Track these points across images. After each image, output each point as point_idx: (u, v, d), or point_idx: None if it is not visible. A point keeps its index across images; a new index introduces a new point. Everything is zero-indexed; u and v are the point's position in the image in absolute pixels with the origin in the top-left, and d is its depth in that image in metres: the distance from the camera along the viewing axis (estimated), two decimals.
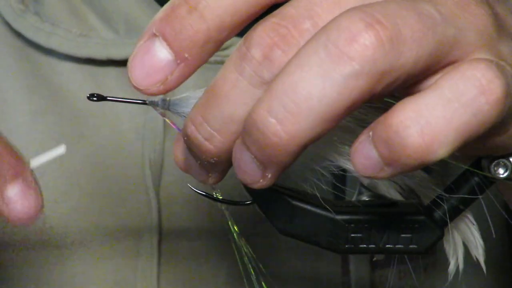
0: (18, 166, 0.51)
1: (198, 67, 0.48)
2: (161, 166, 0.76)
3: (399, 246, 0.53)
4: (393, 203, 0.54)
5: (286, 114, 0.43)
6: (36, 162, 0.54)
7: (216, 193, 0.55)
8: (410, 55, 0.44)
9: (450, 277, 0.56)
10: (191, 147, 0.48)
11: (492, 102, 0.43)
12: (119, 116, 0.78)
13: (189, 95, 0.53)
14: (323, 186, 0.53)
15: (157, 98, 0.53)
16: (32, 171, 0.53)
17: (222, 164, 0.49)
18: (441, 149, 0.43)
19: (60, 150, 0.55)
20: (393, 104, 0.45)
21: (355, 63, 0.43)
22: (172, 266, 0.75)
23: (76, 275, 0.75)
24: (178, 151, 0.53)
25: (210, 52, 0.48)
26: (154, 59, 0.47)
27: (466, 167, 0.52)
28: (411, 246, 0.53)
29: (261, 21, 0.46)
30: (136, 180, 0.76)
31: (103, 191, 0.76)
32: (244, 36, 0.46)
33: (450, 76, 0.44)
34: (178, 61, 0.47)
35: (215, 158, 0.48)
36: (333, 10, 0.45)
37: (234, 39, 0.76)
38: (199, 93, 0.53)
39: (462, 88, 0.43)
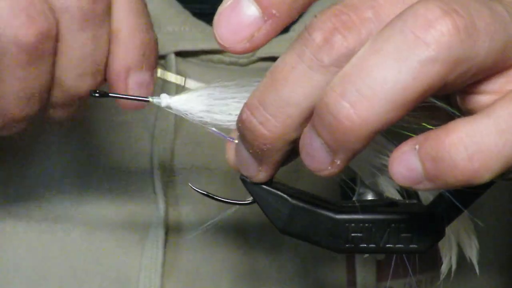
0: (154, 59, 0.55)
1: (286, 24, 0.48)
2: (171, 165, 0.76)
3: (400, 245, 0.53)
4: (393, 203, 0.54)
5: (360, 97, 0.43)
6: (192, 84, 0.57)
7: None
8: (483, 46, 0.44)
9: (442, 277, 0.55)
10: (245, 133, 0.48)
11: None
12: (130, 112, 0.77)
13: (191, 93, 0.53)
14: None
15: (159, 97, 0.53)
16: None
17: (274, 154, 0.49)
18: (487, 174, 0.44)
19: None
20: (435, 104, 0.46)
21: (432, 49, 0.43)
22: (177, 266, 0.75)
23: (78, 269, 0.75)
24: (230, 147, 0.53)
25: (299, 9, 0.48)
26: (241, 16, 0.47)
27: None
28: (411, 245, 0.53)
29: (323, 10, 0.46)
30: (145, 178, 0.76)
31: (111, 186, 0.76)
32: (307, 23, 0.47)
33: (506, 104, 0.44)
34: (266, 18, 0.47)
35: (268, 145, 0.48)
36: (396, 1, 0.46)
37: None
38: (201, 91, 0.54)
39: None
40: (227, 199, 0.56)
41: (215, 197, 0.57)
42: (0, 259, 0.74)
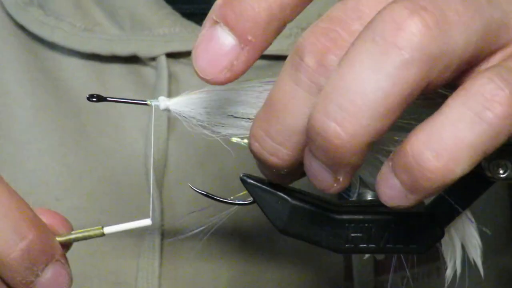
0: (50, 250, 0.52)
1: (264, 49, 0.47)
2: (164, 166, 0.76)
3: (399, 245, 0.53)
4: None
5: (343, 114, 0.43)
6: (110, 229, 0.55)
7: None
8: (459, 38, 0.44)
9: (447, 282, 0.56)
10: (259, 162, 0.48)
11: (500, 115, 0.43)
12: (122, 115, 0.77)
13: (189, 95, 0.53)
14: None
15: (157, 99, 0.53)
16: (61, 249, 0.53)
17: (295, 174, 0.50)
18: (458, 168, 0.43)
19: (145, 222, 0.55)
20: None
21: (405, 52, 0.43)
22: (174, 267, 0.75)
23: (76, 274, 0.74)
24: None
25: (274, 33, 0.47)
26: (217, 46, 0.46)
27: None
28: (411, 245, 0.53)
29: (309, 27, 0.46)
30: (139, 180, 0.76)
31: (105, 189, 0.76)
32: (295, 45, 0.46)
33: (456, 95, 0.44)
34: (242, 45, 0.46)
35: (284, 170, 0.48)
36: (381, 7, 0.45)
37: None
38: (199, 94, 0.54)
39: (468, 105, 0.43)
40: (227, 199, 0.56)
41: (215, 197, 0.56)
42: None
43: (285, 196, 0.53)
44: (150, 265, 0.74)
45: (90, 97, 0.53)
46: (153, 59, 0.77)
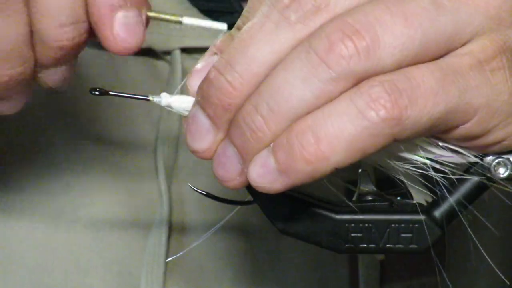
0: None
1: None
2: (175, 160, 0.76)
3: (399, 246, 0.53)
4: (393, 203, 0.54)
5: (269, 112, 0.47)
6: (188, 20, 0.57)
7: None
8: (390, 59, 0.47)
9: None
10: (210, 93, 0.49)
11: (382, 117, 0.46)
12: (133, 108, 0.78)
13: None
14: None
15: (159, 96, 0.53)
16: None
17: (232, 115, 0.50)
18: (333, 156, 0.46)
19: (221, 26, 0.57)
20: None
21: (332, 71, 0.46)
22: (180, 263, 0.75)
23: (81, 261, 0.75)
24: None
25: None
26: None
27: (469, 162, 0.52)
28: (411, 246, 0.53)
29: None
30: (149, 173, 0.76)
31: (115, 180, 0.76)
32: None
33: (348, 91, 0.47)
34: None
35: (232, 105, 0.49)
36: None
37: None
38: None
39: (354, 101, 0.46)
40: (227, 199, 0.56)
41: (215, 197, 0.56)
42: (4, 251, 0.75)
43: (285, 196, 0.53)
44: (155, 260, 0.74)
45: (93, 90, 0.54)
46: (168, 53, 0.78)
